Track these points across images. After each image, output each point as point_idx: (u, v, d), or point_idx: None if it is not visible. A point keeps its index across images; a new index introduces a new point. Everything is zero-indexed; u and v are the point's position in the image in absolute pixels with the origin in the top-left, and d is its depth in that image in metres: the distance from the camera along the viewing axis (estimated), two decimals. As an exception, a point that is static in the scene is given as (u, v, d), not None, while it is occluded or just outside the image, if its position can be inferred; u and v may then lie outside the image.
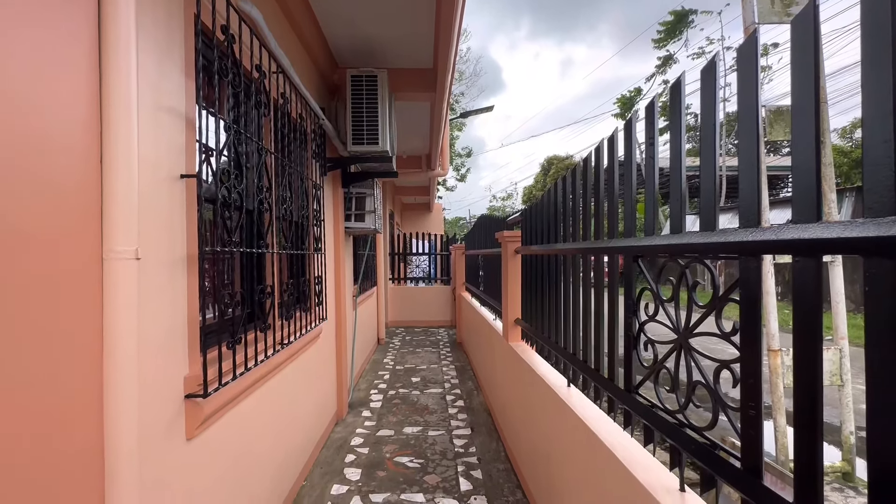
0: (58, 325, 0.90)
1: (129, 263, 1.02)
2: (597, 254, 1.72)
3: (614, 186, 1.58)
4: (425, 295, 8.51)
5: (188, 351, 1.44)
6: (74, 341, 0.94)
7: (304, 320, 2.57)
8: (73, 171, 0.93)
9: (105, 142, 1.00)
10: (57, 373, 0.90)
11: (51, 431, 0.88)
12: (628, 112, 17.70)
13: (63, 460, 0.90)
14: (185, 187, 1.44)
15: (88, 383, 0.96)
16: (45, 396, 0.86)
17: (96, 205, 0.99)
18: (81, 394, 0.95)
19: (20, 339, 0.81)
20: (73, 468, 0.93)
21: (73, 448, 0.93)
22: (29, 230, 0.84)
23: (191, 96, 1.46)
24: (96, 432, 0.98)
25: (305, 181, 2.73)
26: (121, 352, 1.01)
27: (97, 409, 0.98)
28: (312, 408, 2.94)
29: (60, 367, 0.90)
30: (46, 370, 0.87)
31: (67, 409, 0.92)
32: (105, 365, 1.00)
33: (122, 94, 1.02)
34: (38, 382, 0.85)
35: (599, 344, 1.71)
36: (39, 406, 0.85)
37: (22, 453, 0.81)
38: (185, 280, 1.42)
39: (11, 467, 0.80)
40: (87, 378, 0.96)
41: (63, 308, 0.91)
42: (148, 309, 1.22)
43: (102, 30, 1.00)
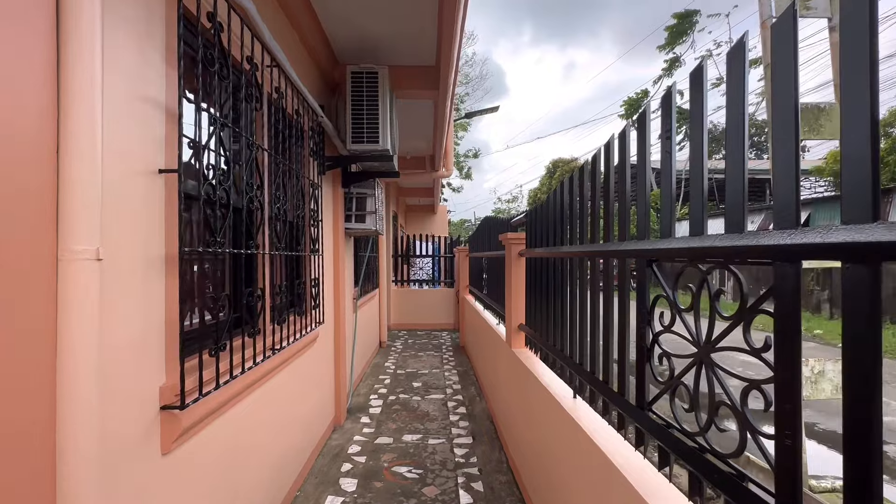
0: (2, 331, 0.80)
1: (89, 264, 0.92)
2: (606, 257, 1.60)
3: (626, 185, 1.46)
4: (428, 297, 8.40)
5: (165, 359, 1.34)
6: (21, 350, 0.84)
7: (299, 324, 2.48)
8: (22, 162, 0.83)
9: (62, 130, 0.90)
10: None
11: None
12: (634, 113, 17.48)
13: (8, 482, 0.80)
14: (165, 183, 1.34)
15: (38, 396, 0.86)
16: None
17: (52, 200, 0.90)
18: (30, 407, 0.85)
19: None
20: (21, 489, 0.82)
21: (19, 470, 0.83)
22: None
23: (172, 86, 1.36)
24: (46, 451, 0.88)
25: (301, 179, 2.64)
26: (78, 361, 0.91)
27: (49, 423, 0.88)
28: (308, 415, 2.84)
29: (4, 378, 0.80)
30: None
31: (12, 424, 0.82)
32: (59, 376, 0.89)
33: (84, 77, 0.93)
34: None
35: (608, 354, 1.59)
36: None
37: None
38: (163, 282, 1.33)
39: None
40: (36, 390, 0.86)
41: (8, 314, 0.81)
42: (116, 314, 1.12)
43: (60, 6, 0.91)
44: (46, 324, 0.88)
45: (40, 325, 0.88)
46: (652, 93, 17.89)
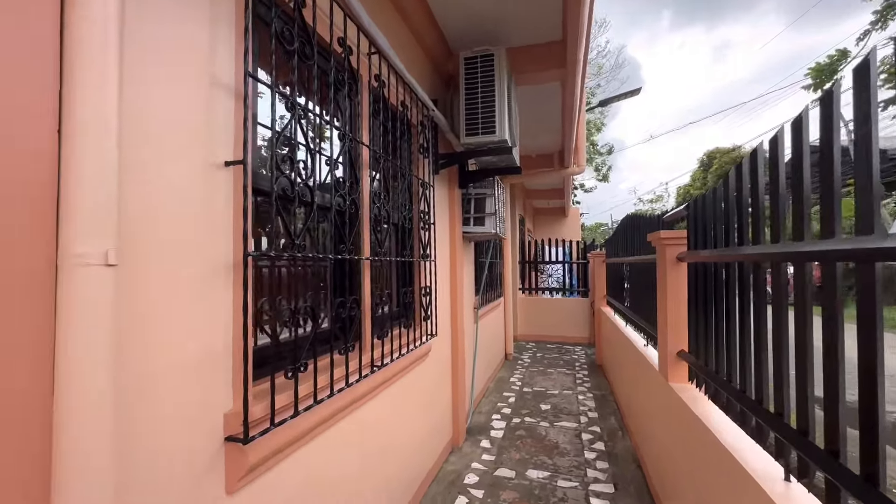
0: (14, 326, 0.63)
1: (94, 271, 0.73)
2: (847, 259, 0.93)
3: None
4: (559, 307, 7.68)
5: (232, 381, 1.15)
6: (27, 342, 0.67)
7: (407, 337, 2.23)
8: (12, 151, 0.66)
9: (66, 114, 0.72)
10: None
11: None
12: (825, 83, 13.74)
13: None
14: (233, 177, 1.16)
15: (40, 377, 0.68)
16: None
17: (52, 195, 0.72)
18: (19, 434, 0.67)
19: None
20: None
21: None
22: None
23: (240, 63, 1.19)
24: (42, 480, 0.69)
25: (410, 178, 2.40)
26: (79, 380, 0.71)
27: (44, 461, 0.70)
28: (421, 436, 2.58)
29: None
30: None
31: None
32: (59, 395, 0.71)
33: (92, 41, 0.74)
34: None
35: (835, 412, 0.91)
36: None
37: None
38: (230, 292, 1.14)
39: None
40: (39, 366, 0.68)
41: (17, 312, 0.64)
42: (164, 329, 0.95)
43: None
44: (48, 323, 0.70)
45: (43, 323, 0.70)
46: (853, 53, 13.86)
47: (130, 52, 0.87)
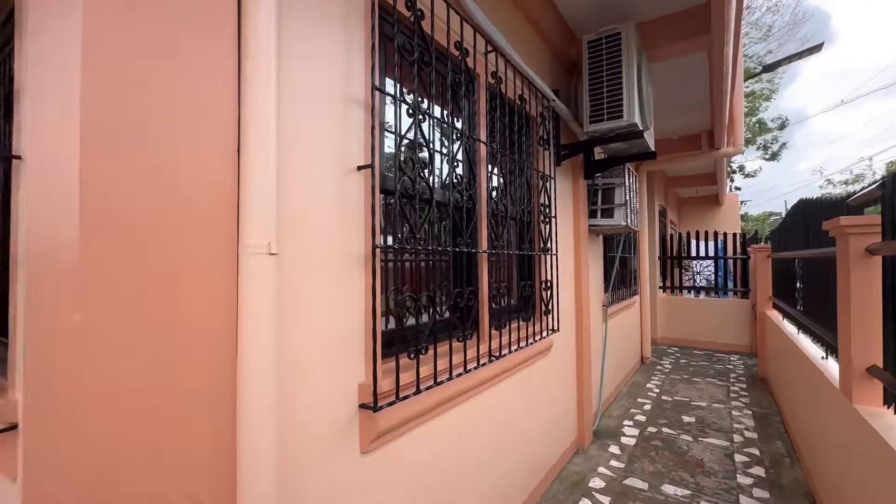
0: (184, 322, 0.87)
1: (262, 259, 0.93)
2: None
3: None
4: (710, 309, 6.72)
5: (364, 357, 1.32)
6: (202, 341, 0.90)
7: (527, 330, 2.24)
8: (209, 162, 0.89)
9: (242, 131, 0.94)
10: (184, 374, 0.86)
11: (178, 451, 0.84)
12: None
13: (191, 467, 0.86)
14: (363, 179, 1.34)
15: (218, 389, 0.91)
16: (167, 405, 0.83)
17: (234, 197, 0.94)
18: (210, 398, 0.90)
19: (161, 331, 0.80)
20: (203, 476, 0.87)
21: (202, 475, 0.88)
22: (174, 223, 0.82)
23: (369, 80, 1.35)
24: (226, 444, 0.92)
25: (528, 171, 2.40)
26: (254, 352, 0.92)
27: (227, 418, 0.92)
28: (542, 432, 2.56)
29: (190, 365, 0.86)
30: (180, 363, 0.84)
31: (195, 420, 0.87)
32: (240, 367, 0.92)
33: (261, 76, 0.94)
34: (171, 372, 0.82)
35: None
36: (163, 418, 0.82)
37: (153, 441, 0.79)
38: (361, 280, 1.32)
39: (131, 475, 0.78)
40: (216, 382, 0.91)
41: (195, 304, 0.87)
42: (311, 308, 1.15)
43: (242, 7, 0.95)
44: (230, 313, 0.92)
45: (220, 320, 0.92)
46: None
47: (284, 80, 1.08)
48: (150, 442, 0.80)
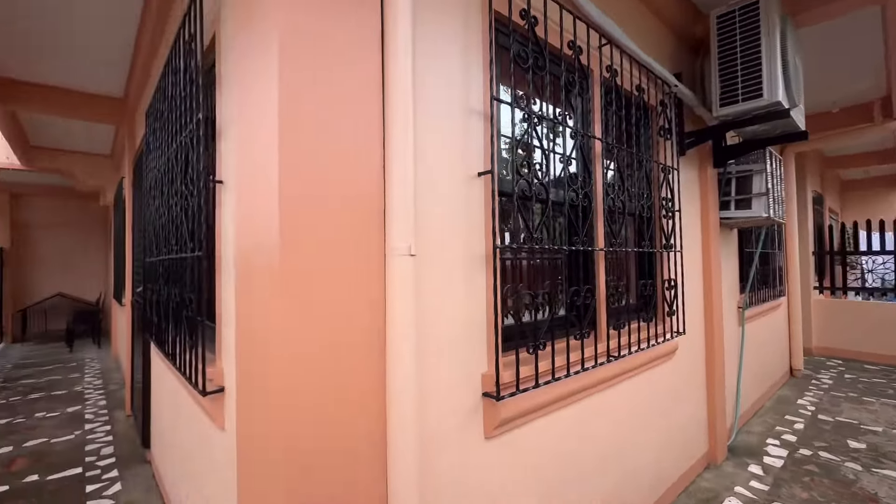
0: (351, 313, 1.05)
1: (404, 259, 1.08)
2: None
3: None
4: (888, 315, 5.50)
5: (486, 350, 1.43)
6: (364, 330, 1.08)
7: (647, 332, 2.14)
8: (363, 175, 1.07)
9: (388, 146, 1.10)
10: (349, 355, 1.04)
11: (344, 413, 1.03)
12: None
13: (353, 441, 1.04)
14: (483, 184, 1.44)
15: (372, 370, 1.08)
16: (336, 377, 1.02)
17: (380, 204, 1.11)
18: (367, 379, 1.07)
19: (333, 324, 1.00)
20: (361, 448, 1.05)
21: (360, 430, 1.06)
22: (341, 230, 1.01)
23: (487, 90, 1.45)
24: (378, 415, 1.09)
25: (648, 164, 2.28)
26: (399, 341, 1.08)
27: (379, 394, 1.09)
28: (664, 440, 2.41)
29: (353, 349, 1.05)
30: (342, 350, 1.03)
31: (355, 392, 1.05)
32: (388, 353, 1.09)
33: (400, 97, 1.10)
34: (329, 362, 1.01)
35: None
36: (334, 386, 1.01)
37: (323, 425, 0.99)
38: (483, 278, 1.42)
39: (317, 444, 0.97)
40: (371, 364, 1.08)
41: (355, 299, 1.06)
42: (441, 303, 1.28)
43: (385, 36, 1.11)
44: (378, 311, 1.09)
45: (375, 312, 1.09)
46: None
47: (416, 98, 1.22)
48: (325, 405, 0.99)
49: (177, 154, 1.90)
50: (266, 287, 0.98)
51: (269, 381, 0.98)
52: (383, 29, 1.12)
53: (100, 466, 3.16)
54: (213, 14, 1.63)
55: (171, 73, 2.03)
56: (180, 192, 1.85)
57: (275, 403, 0.96)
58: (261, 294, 1.01)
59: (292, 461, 0.94)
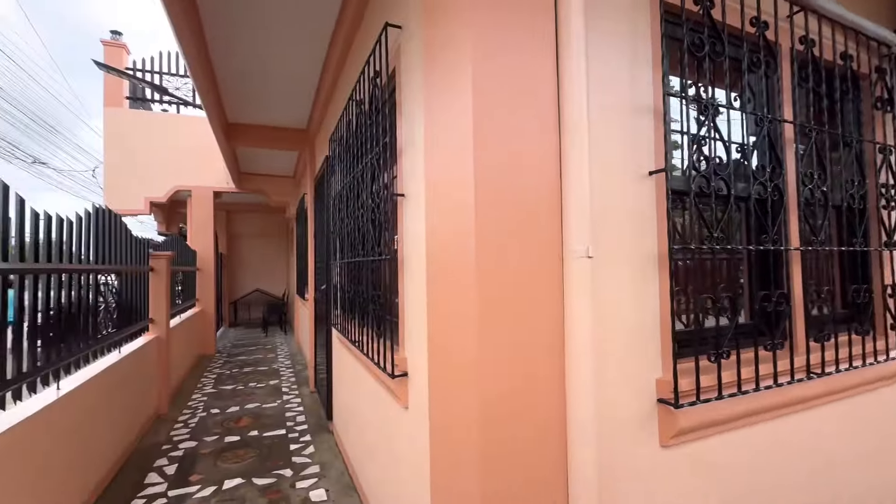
0: (535, 314, 1.13)
1: (582, 261, 1.12)
2: None
3: None
4: None
5: (661, 354, 1.37)
6: (545, 330, 1.15)
7: (862, 347, 1.78)
8: (541, 180, 1.15)
9: (562, 149, 1.16)
10: (532, 352, 1.13)
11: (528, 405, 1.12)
12: None
13: (534, 431, 1.12)
14: (655, 183, 1.39)
15: (553, 368, 1.14)
16: (519, 372, 1.11)
17: (558, 207, 1.17)
18: (548, 376, 1.14)
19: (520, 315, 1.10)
20: (541, 441, 1.13)
21: (540, 422, 1.13)
22: (524, 232, 1.11)
23: (657, 86, 1.40)
24: (559, 412, 1.14)
25: (858, 145, 1.89)
26: (577, 344, 1.12)
27: (559, 391, 1.15)
28: (877, 483, 1.96)
29: (535, 346, 1.13)
30: (526, 347, 1.12)
31: (537, 388, 1.13)
32: (567, 352, 1.14)
33: (575, 101, 1.15)
34: (513, 357, 1.10)
35: None
36: (518, 378, 1.11)
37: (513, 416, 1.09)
38: (656, 280, 1.38)
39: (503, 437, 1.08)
40: (552, 361, 1.15)
41: (537, 299, 1.14)
42: (613, 305, 1.29)
43: (560, 44, 1.17)
44: (559, 313, 1.16)
45: (555, 305, 1.16)
46: None
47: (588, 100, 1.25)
48: (510, 396, 1.09)
49: (362, 173, 2.26)
50: (460, 286, 1.13)
51: (461, 371, 1.13)
52: (557, 40, 1.18)
53: (297, 431, 3.88)
54: (393, 52, 1.90)
55: (355, 104, 2.41)
56: (366, 205, 2.19)
57: (468, 391, 1.09)
58: (454, 292, 1.17)
59: (483, 442, 1.06)
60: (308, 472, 3.09)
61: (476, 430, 1.05)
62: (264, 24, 2.88)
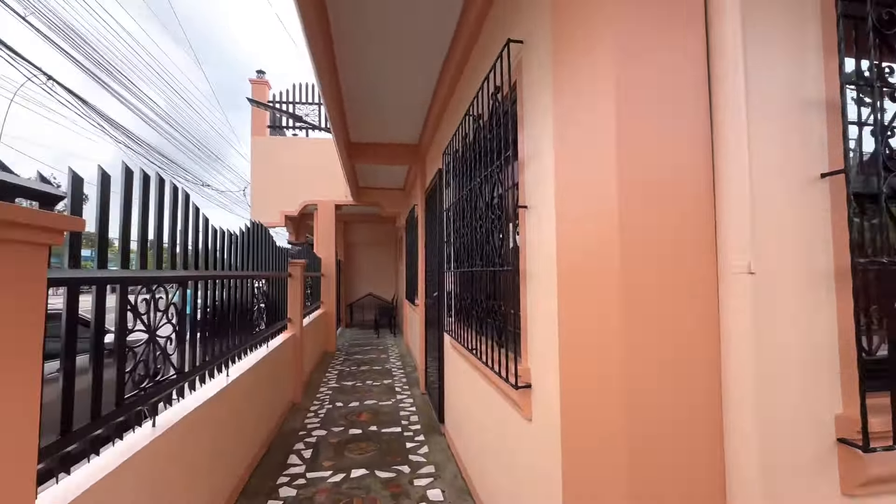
0: (684, 330, 1.06)
1: (743, 278, 1.02)
2: None
3: None
4: None
5: (840, 385, 1.17)
6: (697, 347, 1.06)
7: None
8: (688, 188, 1.07)
9: (716, 153, 1.07)
10: (682, 375, 1.05)
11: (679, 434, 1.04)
12: None
13: (687, 456, 1.04)
14: (829, 187, 1.20)
15: (708, 392, 1.05)
16: (669, 394, 1.04)
17: (710, 219, 1.07)
18: (703, 404, 1.05)
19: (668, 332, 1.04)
20: (693, 477, 1.04)
21: (693, 455, 1.04)
22: (664, 247, 1.05)
23: (832, 76, 1.21)
24: (714, 444, 1.04)
25: None
26: (736, 367, 1.02)
27: (714, 421, 1.05)
28: None
29: (686, 369, 1.05)
30: (676, 370, 1.05)
31: (690, 417, 1.05)
32: (724, 377, 1.04)
33: (730, 99, 1.05)
34: (665, 379, 1.04)
35: None
36: (669, 404, 1.04)
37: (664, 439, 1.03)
38: (832, 298, 1.18)
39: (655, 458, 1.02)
40: (707, 385, 1.05)
41: (689, 317, 1.06)
42: (776, 328, 1.14)
43: (711, 35, 1.08)
44: (712, 330, 1.06)
45: (710, 324, 1.07)
46: None
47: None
48: (659, 420, 1.03)
49: (480, 185, 2.33)
50: (599, 299, 1.10)
51: (601, 389, 1.09)
52: (708, 33, 1.10)
53: (411, 430, 4.10)
54: (514, 66, 1.94)
55: (473, 119, 2.50)
56: (484, 216, 2.25)
57: (611, 411, 1.06)
58: (591, 305, 1.14)
59: (631, 470, 1.01)
60: (424, 471, 3.24)
61: (624, 456, 1.01)
62: (385, 48, 3.14)
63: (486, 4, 2.33)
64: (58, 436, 1.34)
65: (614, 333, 1.05)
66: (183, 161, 28.10)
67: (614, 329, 1.05)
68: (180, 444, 2.05)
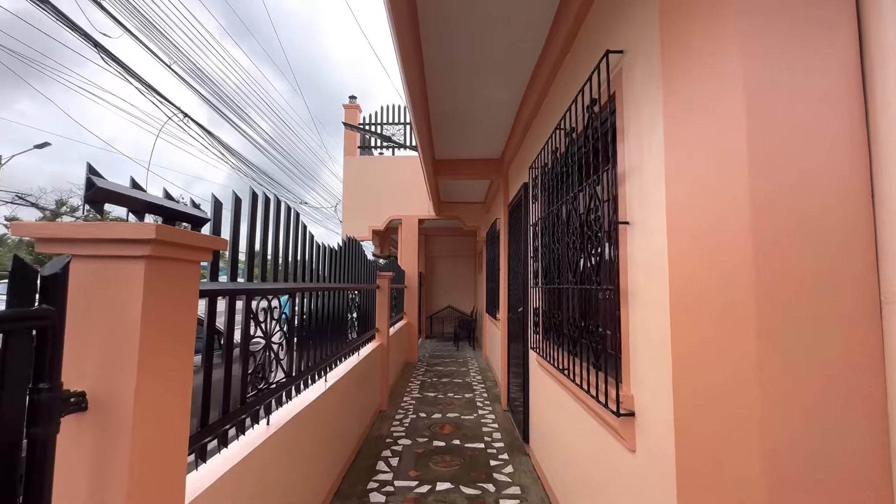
0: (837, 366, 0.92)
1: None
2: None
3: None
4: None
5: None
6: (858, 382, 0.92)
7: None
8: (839, 210, 0.94)
9: (875, 166, 0.92)
10: (838, 414, 0.91)
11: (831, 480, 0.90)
12: None
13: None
14: None
15: (869, 436, 0.89)
16: (818, 440, 0.90)
17: (871, 243, 0.93)
18: (862, 449, 0.90)
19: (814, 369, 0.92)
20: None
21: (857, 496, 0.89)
22: (803, 266, 0.93)
23: None
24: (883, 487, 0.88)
25: None
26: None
27: (882, 470, 0.88)
28: None
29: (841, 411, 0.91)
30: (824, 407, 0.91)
31: (847, 463, 0.90)
32: (891, 422, 0.88)
33: (892, 101, 0.91)
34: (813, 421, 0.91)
35: None
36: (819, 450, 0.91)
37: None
38: None
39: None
40: (868, 424, 0.90)
41: (841, 349, 0.92)
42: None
43: (864, 25, 0.95)
44: (875, 362, 0.91)
45: (870, 362, 0.91)
46: None
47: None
48: (810, 464, 0.90)
49: (573, 200, 2.26)
50: (727, 324, 1.00)
51: (730, 429, 0.98)
52: (860, 25, 0.97)
53: (494, 447, 4.04)
54: (613, 77, 1.87)
55: (564, 133, 2.45)
56: (577, 233, 2.18)
57: (744, 454, 0.95)
58: (717, 330, 1.04)
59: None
60: (509, 491, 3.16)
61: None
62: (475, 69, 3.22)
63: (581, 15, 2.29)
64: (198, 428, 1.54)
65: (745, 367, 0.94)
66: (285, 181, 31.33)
67: (745, 362, 0.94)
68: (289, 443, 2.23)
